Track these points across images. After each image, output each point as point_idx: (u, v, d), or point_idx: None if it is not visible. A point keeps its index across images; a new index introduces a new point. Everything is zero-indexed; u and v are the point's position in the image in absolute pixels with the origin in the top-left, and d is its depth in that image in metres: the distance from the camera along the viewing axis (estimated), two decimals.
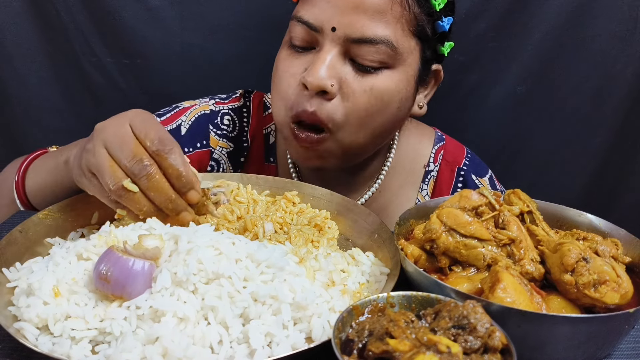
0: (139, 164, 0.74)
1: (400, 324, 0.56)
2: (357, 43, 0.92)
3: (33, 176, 0.97)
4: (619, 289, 0.66)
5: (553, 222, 0.84)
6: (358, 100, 0.95)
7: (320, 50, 0.95)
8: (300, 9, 0.97)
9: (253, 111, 1.22)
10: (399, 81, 0.97)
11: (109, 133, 0.76)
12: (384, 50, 0.93)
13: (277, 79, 1.00)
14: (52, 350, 0.61)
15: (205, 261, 0.66)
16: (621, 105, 1.53)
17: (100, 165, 0.75)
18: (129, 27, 1.42)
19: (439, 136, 1.25)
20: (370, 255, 0.83)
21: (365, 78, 0.95)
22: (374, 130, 0.99)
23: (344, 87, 0.94)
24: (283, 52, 1.01)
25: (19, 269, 0.73)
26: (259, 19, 1.45)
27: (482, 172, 1.24)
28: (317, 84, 0.92)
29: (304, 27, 0.95)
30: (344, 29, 0.92)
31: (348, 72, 0.95)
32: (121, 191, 0.74)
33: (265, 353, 0.62)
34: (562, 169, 1.62)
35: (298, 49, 0.98)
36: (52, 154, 0.99)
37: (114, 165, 0.75)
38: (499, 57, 1.49)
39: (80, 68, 1.46)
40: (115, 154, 0.75)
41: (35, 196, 0.97)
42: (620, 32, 1.46)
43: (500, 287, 0.65)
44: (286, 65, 0.99)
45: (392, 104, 0.98)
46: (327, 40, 0.94)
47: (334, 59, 0.93)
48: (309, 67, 0.94)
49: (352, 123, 0.96)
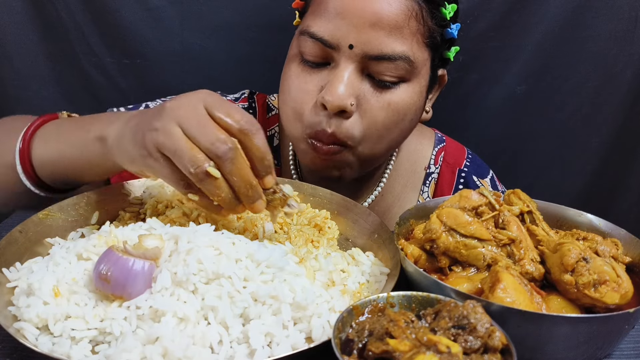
0: (223, 146, 0.68)
1: (400, 324, 0.56)
2: (376, 60, 0.91)
3: (44, 144, 0.88)
4: (619, 289, 0.66)
5: (553, 222, 0.84)
6: (376, 116, 0.94)
7: (336, 67, 0.92)
8: (312, 25, 0.93)
9: (258, 113, 1.21)
10: (414, 93, 0.97)
11: (183, 113, 0.70)
12: (402, 66, 0.92)
13: (291, 96, 0.97)
14: (52, 350, 0.61)
15: (205, 261, 0.66)
16: (621, 105, 1.53)
17: (178, 147, 0.68)
18: (129, 27, 1.42)
19: (439, 137, 1.25)
20: (370, 255, 0.83)
21: (383, 94, 0.94)
22: (390, 142, 0.99)
23: (362, 103, 0.93)
24: (293, 67, 0.98)
25: (19, 269, 0.73)
26: (259, 19, 1.44)
27: (483, 173, 1.24)
28: (338, 105, 0.90)
29: (317, 44, 0.92)
30: (362, 47, 0.90)
31: (366, 89, 0.93)
32: (202, 175, 0.69)
33: (265, 353, 0.62)
34: (562, 169, 1.62)
35: (310, 64, 0.95)
36: (73, 124, 0.90)
37: (193, 147, 0.69)
38: (499, 57, 1.49)
39: (80, 68, 1.46)
40: (194, 135, 0.69)
41: (44, 168, 0.88)
42: (620, 32, 1.46)
43: (500, 287, 0.65)
44: (300, 82, 0.96)
45: (408, 115, 0.98)
46: (344, 57, 0.91)
47: (351, 76, 0.91)
48: (327, 86, 0.92)
49: (370, 138, 0.96)
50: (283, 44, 1.03)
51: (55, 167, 0.87)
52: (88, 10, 1.40)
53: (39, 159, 0.87)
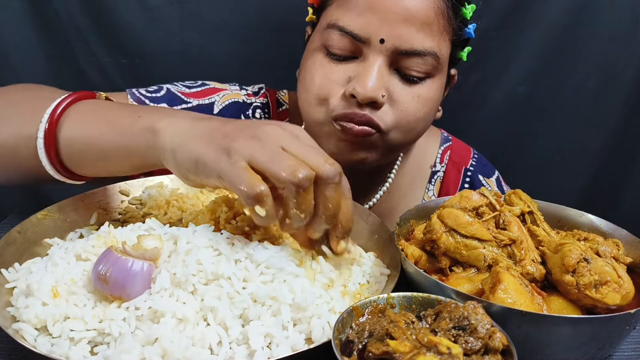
0: (332, 168, 0.67)
1: (401, 325, 0.55)
2: (406, 55, 0.92)
3: (77, 122, 0.81)
4: (620, 289, 0.66)
5: (554, 222, 0.84)
6: (408, 108, 0.95)
7: (365, 60, 0.93)
8: (341, 18, 0.93)
9: (272, 108, 1.21)
10: (437, 90, 0.99)
11: (282, 134, 0.68)
12: (430, 62, 0.93)
13: (316, 83, 0.96)
14: (51, 351, 0.61)
15: (205, 262, 0.66)
16: (622, 105, 1.53)
17: (277, 155, 0.65)
18: (128, 26, 1.42)
19: (445, 137, 1.25)
20: (371, 256, 0.83)
21: (411, 88, 0.95)
22: (417, 134, 1.01)
23: (393, 96, 0.94)
24: (318, 58, 0.97)
25: (18, 269, 0.73)
26: (259, 19, 1.44)
27: (489, 173, 1.24)
28: (369, 96, 0.91)
29: (346, 37, 0.93)
30: (393, 41, 0.91)
31: (395, 83, 0.94)
32: (305, 182, 0.65)
33: (264, 354, 0.62)
34: (563, 169, 1.62)
35: (337, 57, 0.95)
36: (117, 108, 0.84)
37: (293, 157, 0.66)
38: (499, 57, 1.49)
39: (79, 68, 1.46)
40: (298, 154, 0.66)
41: (74, 147, 0.81)
42: (620, 32, 1.46)
43: (501, 287, 0.64)
44: (326, 72, 0.95)
45: (433, 109, 1.00)
46: (374, 51, 0.92)
47: (381, 70, 0.92)
48: (357, 77, 0.92)
49: (401, 127, 0.96)
50: (282, 44, 1.03)
51: (88, 148, 0.81)
52: (87, 10, 1.40)
53: (69, 136, 0.81)
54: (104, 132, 0.80)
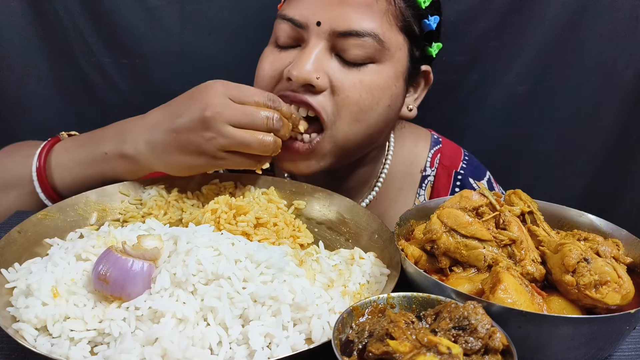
0: (277, 122, 0.88)
1: (401, 325, 0.55)
2: (343, 36, 0.93)
3: (62, 170, 0.96)
4: (620, 289, 0.66)
5: (554, 222, 0.84)
6: (348, 94, 0.94)
7: (305, 46, 0.95)
8: (286, 7, 0.99)
9: None
10: (387, 77, 0.97)
11: (226, 113, 0.85)
12: (370, 44, 0.93)
13: (260, 73, 1.01)
14: (51, 351, 0.61)
15: (205, 262, 0.66)
16: (622, 105, 1.53)
17: (245, 140, 0.86)
18: (128, 26, 1.41)
19: (435, 139, 1.24)
20: (371, 256, 0.83)
21: (352, 72, 0.95)
22: (368, 126, 0.98)
23: (332, 80, 0.94)
24: (268, 50, 1.02)
25: (18, 269, 0.73)
26: (259, 19, 1.44)
27: (479, 175, 1.23)
28: (303, 77, 0.92)
29: (288, 25, 0.96)
30: (330, 23, 0.92)
31: (335, 67, 0.95)
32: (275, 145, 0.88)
33: (264, 354, 0.62)
34: (562, 169, 1.62)
35: (283, 47, 0.99)
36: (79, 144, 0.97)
37: (254, 133, 0.86)
38: (499, 57, 1.49)
39: (79, 68, 1.46)
40: (247, 124, 0.86)
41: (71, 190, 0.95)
42: (620, 32, 1.46)
43: (501, 287, 0.64)
44: (270, 61, 1.00)
45: (383, 99, 0.97)
46: (313, 35, 0.94)
47: (320, 54, 0.94)
48: (294, 61, 0.94)
49: (345, 117, 0.95)
50: None
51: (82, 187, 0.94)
52: (86, 10, 1.40)
53: (63, 185, 0.96)
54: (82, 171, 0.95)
